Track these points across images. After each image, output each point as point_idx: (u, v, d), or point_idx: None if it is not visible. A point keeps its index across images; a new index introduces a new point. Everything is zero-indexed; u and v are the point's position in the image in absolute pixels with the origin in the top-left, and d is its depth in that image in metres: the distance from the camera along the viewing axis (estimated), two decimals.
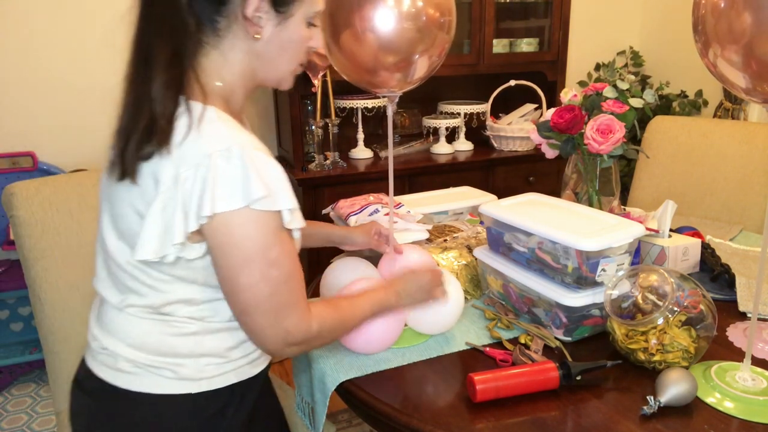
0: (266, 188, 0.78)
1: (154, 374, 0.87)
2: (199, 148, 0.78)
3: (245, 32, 0.85)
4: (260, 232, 0.80)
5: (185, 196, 0.77)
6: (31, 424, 2.16)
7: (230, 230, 0.78)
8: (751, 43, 0.77)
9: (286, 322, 0.84)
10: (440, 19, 1.02)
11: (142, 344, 0.87)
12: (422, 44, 1.02)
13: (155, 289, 0.85)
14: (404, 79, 1.07)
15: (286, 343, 0.85)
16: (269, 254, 0.81)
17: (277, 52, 0.89)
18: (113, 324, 0.89)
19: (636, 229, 1.08)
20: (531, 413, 0.90)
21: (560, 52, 2.77)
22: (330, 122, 2.40)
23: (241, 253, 0.79)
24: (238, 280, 0.81)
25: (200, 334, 0.87)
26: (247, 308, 0.82)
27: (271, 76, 0.92)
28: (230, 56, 0.87)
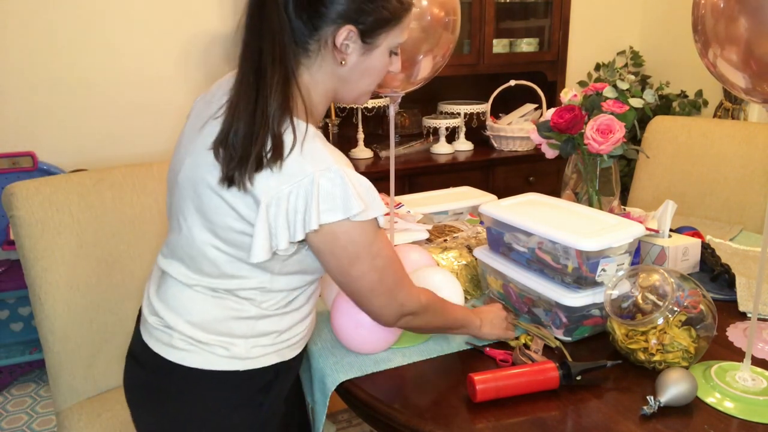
0: (363, 203, 0.86)
1: (207, 351, 0.92)
2: (302, 166, 0.84)
3: (333, 57, 0.91)
4: (362, 234, 0.88)
5: (289, 209, 0.84)
6: (31, 424, 2.16)
7: (336, 236, 0.87)
8: (750, 43, 0.77)
9: (399, 296, 0.94)
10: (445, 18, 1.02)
11: (202, 322, 0.92)
12: (427, 44, 1.02)
13: (231, 276, 0.91)
14: (408, 80, 1.07)
15: (401, 314, 0.96)
16: (372, 249, 0.90)
17: (358, 77, 0.95)
18: (176, 299, 0.95)
19: (636, 229, 1.08)
20: (531, 413, 0.90)
21: (560, 52, 2.78)
22: (330, 122, 2.40)
23: (348, 253, 0.89)
24: (350, 273, 0.90)
25: (255, 318, 0.93)
26: (363, 293, 0.93)
27: (350, 96, 0.99)
28: (317, 76, 0.92)
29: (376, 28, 0.90)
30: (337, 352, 1.09)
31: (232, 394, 0.94)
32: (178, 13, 2.50)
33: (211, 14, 2.55)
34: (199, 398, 0.93)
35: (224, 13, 2.58)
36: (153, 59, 2.50)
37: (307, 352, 1.12)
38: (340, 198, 0.85)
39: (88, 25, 2.40)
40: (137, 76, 2.50)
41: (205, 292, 0.93)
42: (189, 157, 0.93)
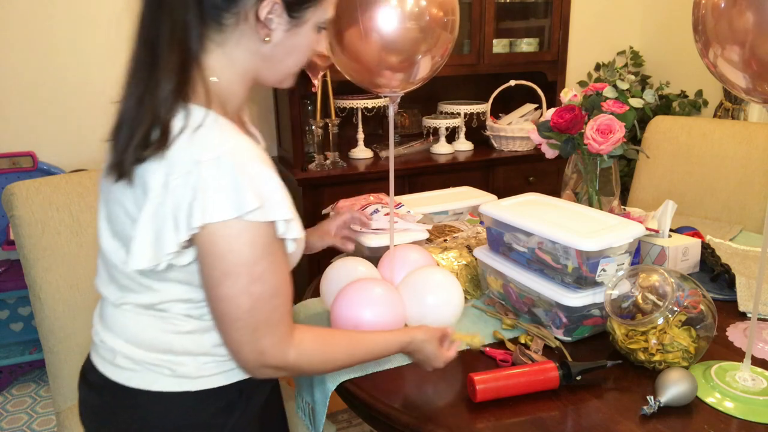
0: (259, 198, 0.75)
1: (152, 371, 0.86)
2: (190, 154, 0.75)
3: (254, 33, 0.82)
4: (248, 245, 0.76)
5: (175, 204, 0.75)
6: (31, 424, 2.16)
7: (215, 240, 0.75)
8: (751, 43, 0.77)
9: (263, 341, 0.80)
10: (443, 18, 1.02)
11: (139, 340, 0.86)
12: (425, 44, 1.02)
13: (151, 288, 0.84)
14: (407, 80, 1.06)
15: (259, 364, 0.82)
16: (255, 269, 0.77)
17: (283, 56, 0.87)
18: (111, 320, 0.89)
19: (636, 229, 1.08)
20: (531, 413, 0.90)
21: (560, 52, 2.77)
22: (330, 122, 2.40)
23: (223, 267, 0.76)
24: (217, 290, 0.78)
25: (198, 333, 0.86)
26: (225, 319, 0.79)
27: (274, 77, 0.90)
28: (234, 55, 0.84)
29: (303, 1, 0.83)
30: None
31: (184, 417, 0.86)
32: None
33: None
34: (149, 421, 0.86)
35: None
36: None
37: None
38: (231, 190, 0.74)
39: (89, 26, 2.40)
40: None
41: (134, 310, 0.86)
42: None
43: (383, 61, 1.02)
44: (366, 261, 1.20)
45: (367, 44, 1.01)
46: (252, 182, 0.75)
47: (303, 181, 2.32)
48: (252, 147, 0.79)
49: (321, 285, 1.21)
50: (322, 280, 1.21)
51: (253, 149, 0.79)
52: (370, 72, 1.05)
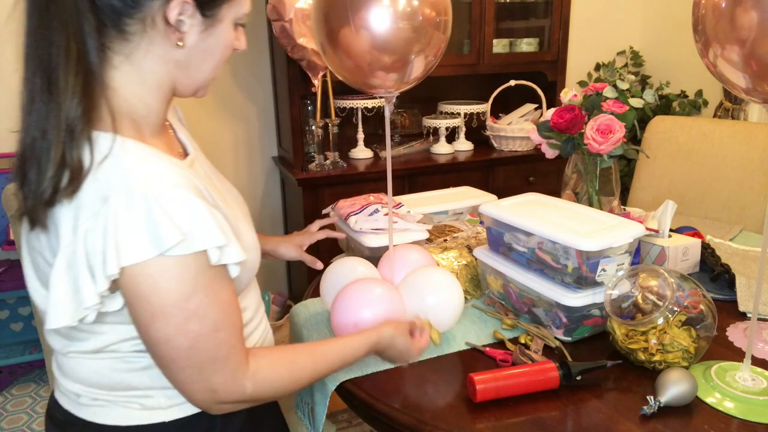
0: (179, 232, 0.67)
1: (120, 406, 0.80)
2: (97, 191, 0.66)
3: (164, 39, 0.73)
4: (175, 281, 0.68)
5: (87, 251, 0.66)
6: (31, 424, 2.16)
7: (137, 281, 0.67)
8: (751, 43, 0.77)
9: (213, 379, 0.73)
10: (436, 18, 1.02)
11: (97, 383, 0.80)
12: (418, 44, 1.02)
13: (94, 333, 0.77)
14: (401, 80, 1.06)
15: (214, 402, 0.75)
16: (187, 305, 0.69)
17: (200, 60, 0.78)
18: (65, 368, 0.83)
19: (636, 229, 1.08)
20: (531, 413, 0.90)
21: (560, 52, 2.77)
22: (330, 122, 2.40)
23: (150, 308, 0.69)
24: (149, 334, 0.71)
25: (154, 367, 0.78)
26: (164, 363, 0.73)
27: (190, 86, 0.81)
28: (144, 66, 0.74)
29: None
30: None
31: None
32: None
33: None
34: None
35: None
36: None
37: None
38: (146, 228, 0.65)
39: None
40: None
41: (81, 356, 0.79)
42: None
43: (376, 62, 1.02)
44: (366, 261, 1.20)
45: (359, 45, 1.01)
46: (169, 214, 0.67)
47: (303, 181, 2.32)
48: (169, 171, 0.70)
49: (321, 285, 1.21)
50: (322, 280, 1.21)
51: (170, 174, 0.70)
52: (364, 72, 1.05)
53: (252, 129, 2.79)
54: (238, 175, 2.81)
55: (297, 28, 2.08)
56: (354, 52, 1.02)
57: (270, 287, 2.93)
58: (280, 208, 2.92)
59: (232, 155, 2.78)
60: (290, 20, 2.07)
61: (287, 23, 2.08)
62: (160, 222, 0.66)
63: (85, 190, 0.67)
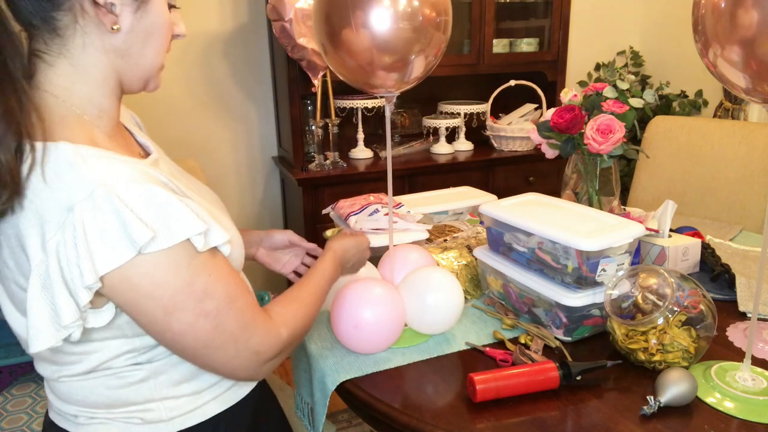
0: (149, 228, 0.64)
1: (120, 422, 0.78)
2: (57, 201, 0.63)
3: (98, 26, 0.70)
4: (170, 272, 0.67)
5: (62, 266, 0.64)
6: (31, 424, 2.16)
7: (133, 284, 0.66)
8: (751, 43, 0.77)
9: (250, 343, 0.74)
10: (436, 18, 1.02)
11: (94, 403, 0.78)
12: (419, 44, 1.02)
13: (83, 354, 0.74)
14: (401, 79, 1.07)
15: (259, 364, 0.76)
16: (193, 289, 0.69)
17: (141, 44, 0.74)
18: (59, 392, 0.80)
19: (636, 229, 1.08)
20: (531, 413, 0.90)
21: (560, 52, 2.78)
22: (330, 122, 2.40)
23: (160, 303, 0.67)
24: (170, 329, 0.69)
25: (150, 379, 0.77)
26: (198, 351, 0.72)
27: (139, 76, 0.77)
28: (83, 61, 0.71)
29: None
30: (337, 352, 1.09)
31: None
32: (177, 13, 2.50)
33: (210, 14, 2.55)
34: None
35: (224, 13, 2.57)
36: None
37: (307, 352, 1.11)
38: (116, 229, 0.63)
39: None
40: None
41: (74, 379, 0.77)
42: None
43: (377, 61, 1.02)
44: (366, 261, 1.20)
45: (360, 45, 1.01)
46: (136, 211, 0.64)
47: (303, 181, 2.32)
48: (128, 170, 0.67)
49: None
50: None
51: (131, 172, 0.67)
52: (365, 72, 1.05)
53: (252, 129, 2.79)
54: (238, 175, 2.81)
55: (297, 28, 2.08)
56: (355, 51, 1.02)
57: (270, 287, 2.93)
58: (280, 208, 2.92)
59: (232, 155, 2.78)
60: (290, 20, 2.07)
61: (287, 23, 2.08)
62: (129, 222, 0.64)
63: (46, 203, 0.64)
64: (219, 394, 0.84)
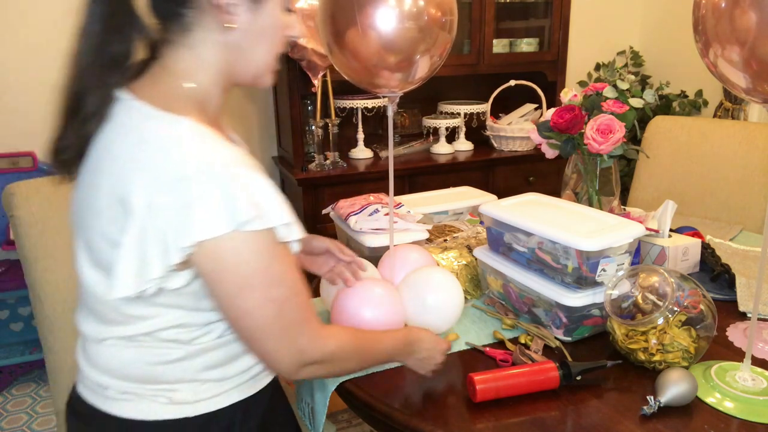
0: (255, 208, 0.71)
1: (148, 400, 0.81)
2: (174, 169, 0.70)
3: (217, 23, 0.78)
4: (255, 253, 0.73)
5: (162, 226, 0.70)
6: (31, 424, 2.16)
7: (220, 256, 0.71)
8: (751, 43, 0.77)
9: (299, 341, 0.78)
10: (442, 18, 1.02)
11: (128, 375, 0.81)
12: (424, 44, 1.02)
13: (139, 318, 0.79)
14: (405, 79, 1.07)
15: (301, 364, 0.79)
16: (269, 273, 0.74)
17: (253, 42, 0.81)
18: (95, 356, 0.84)
19: (636, 229, 1.08)
20: (531, 413, 0.90)
21: (560, 52, 2.77)
22: (330, 122, 2.40)
23: (237, 279, 0.73)
24: (238, 305, 0.74)
25: (186, 359, 0.81)
26: (254, 333, 0.76)
27: (249, 71, 0.84)
28: (203, 53, 0.79)
29: None
30: None
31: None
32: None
33: None
34: None
35: None
36: None
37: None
38: (224, 203, 0.69)
39: None
40: None
41: (118, 344, 0.81)
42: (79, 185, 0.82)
43: (382, 61, 1.02)
44: (366, 261, 1.20)
45: (365, 44, 1.01)
46: (245, 192, 0.71)
47: (303, 181, 2.32)
48: (239, 154, 0.75)
49: (321, 285, 1.21)
50: (322, 280, 1.21)
51: (241, 157, 0.75)
52: (369, 72, 1.05)
53: (252, 129, 2.79)
54: None
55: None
56: (360, 52, 1.02)
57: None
58: None
59: None
60: None
61: None
62: (236, 198, 0.70)
63: (160, 168, 0.71)
64: (240, 384, 0.86)
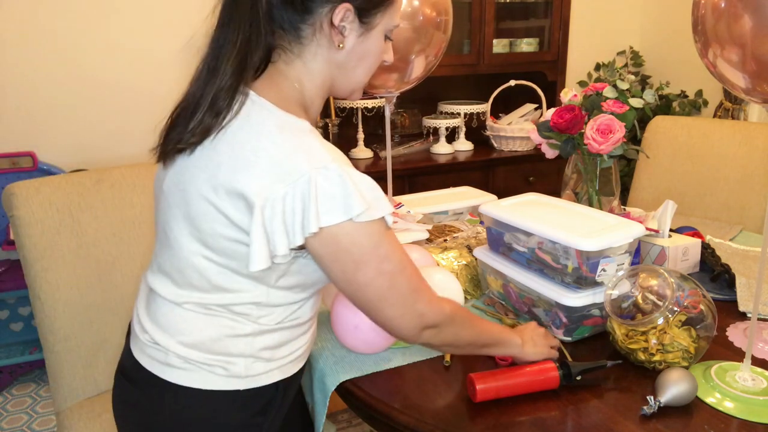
0: (365, 202, 0.80)
1: (205, 371, 0.87)
2: (297, 164, 0.79)
3: (329, 41, 0.87)
4: (367, 236, 0.82)
5: (286, 212, 0.79)
6: (31, 424, 2.16)
7: (338, 240, 0.81)
8: (750, 43, 0.77)
9: (417, 305, 0.87)
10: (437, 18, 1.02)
11: (195, 342, 0.87)
12: (419, 44, 1.02)
13: (224, 289, 0.86)
14: (401, 79, 1.07)
15: (422, 326, 0.88)
16: (379, 252, 0.83)
17: (356, 63, 0.91)
18: (166, 319, 0.90)
19: (636, 229, 1.08)
20: (531, 413, 0.90)
21: (560, 52, 2.78)
22: (330, 122, 2.40)
23: (353, 257, 0.82)
24: (356, 280, 0.83)
25: (253, 335, 0.88)
26: (375, 303, 0.85)
27: (346, 87, 0.94)
28: (312, 65, 0.88)
29: (371, 7, 0.87)
30: (337, 352, 1.09)
31: (230, 415, 0.89)
32: (180, 13, 2.50)
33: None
34: (195, 419, 0.88)
35: None
36: (154, 59, 2.50)
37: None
38: (340, 197, 0.79)
39: (89, 25, 2.40)
40: (138, 75, 2.50)
41: (196, 309, 0.88)
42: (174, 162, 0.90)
43: None
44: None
45: None
46: (357, 188, 0.80)
47: None
48: (342, 155, 0.85)
49: None
50: None
51: (345, 157, 0.85)
52: None
53: None
54: None
55: None
56: None
57: None
58: None
59: None
60: None
61: None
62: (351, 194, 0.79)
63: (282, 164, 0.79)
64: (283, 365, 0.92)
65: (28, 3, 2.31)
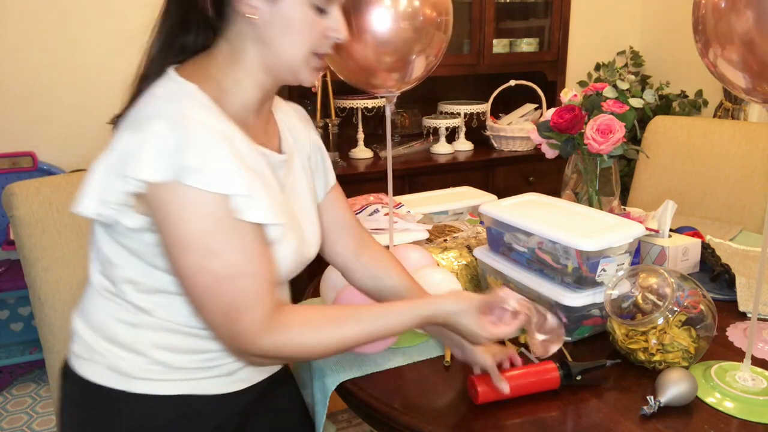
0: (201, 161, 0.71)
1: (94, 362, 0.84)
2: (144, 110, 0.76)
3: (242, 15, 0.80)
4: (195, 214, 0.72)
5: (124, 158, 0.74)
6: (31, 424, 2.16)
7: (165, 206, 0.72)
8: (751, 43, 0.77)
9: (236, 326, 0.74)
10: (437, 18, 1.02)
11: (93, 322, 0.85)
12: (419, 44, 1.02)
13: (107, 260, 0.82)
14: (402, 79, 1.07)
15: (238, 350, 0.76)
16: (208, 242, 0.72)
17: (278, 35, 0.80)
18: (83, 300, 0.90)
19: (636, 229, 1.08)
20: (531, 413, 0.90)
21: (560, 52, 2.78)
22: (330, 122, 2.40)
23: (176, 235, 0.73)
24: (179, 265, 0.74)
25: (142, 328, 0.82)
26: (194, 299, 0.76)
27: (279, 65, 0.83)
28: (239, 47, 0.82)
29: None
30: None
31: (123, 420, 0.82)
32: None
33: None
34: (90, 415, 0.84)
35: None
36: None
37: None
38: (172, 149, 0.71)
39: (89, 25, 2.40)
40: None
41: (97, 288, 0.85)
42: None
43: (378, 61, 1.02)
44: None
45: (361, 45, 1.01)
46: (198, 146, 0.72)
47: None
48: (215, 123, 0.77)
49: (321, 285, 1.21)
50: (322, 280, 1.21)
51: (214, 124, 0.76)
52: (366, 72, 1.05)
53: None
54: None
55: None
56: (356, 52, 1.02)
57: None
58: None
59: None
60: None
61: None
62: (185, 148, 0.71)
63: (137, 109, 0.77)
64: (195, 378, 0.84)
65: (28, 3, 2.31)
